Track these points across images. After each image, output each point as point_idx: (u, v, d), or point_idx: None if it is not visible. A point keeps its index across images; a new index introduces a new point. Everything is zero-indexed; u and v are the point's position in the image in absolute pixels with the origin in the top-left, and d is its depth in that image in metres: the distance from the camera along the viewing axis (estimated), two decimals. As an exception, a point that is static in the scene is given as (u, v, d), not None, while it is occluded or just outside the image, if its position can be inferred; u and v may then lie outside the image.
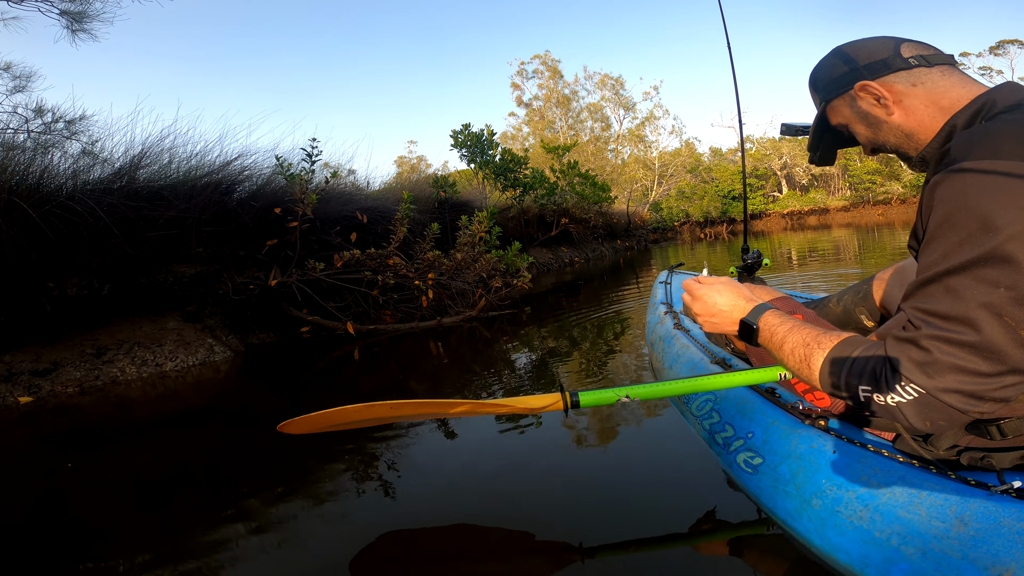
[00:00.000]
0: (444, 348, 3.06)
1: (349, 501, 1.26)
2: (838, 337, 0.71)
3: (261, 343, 3.61)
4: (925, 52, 0.73)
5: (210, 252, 3.30)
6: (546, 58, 27.05)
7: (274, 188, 3.70)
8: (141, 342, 3.21)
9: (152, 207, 3.15)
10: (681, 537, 0.98)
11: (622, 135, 28.08)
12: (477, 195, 7.89)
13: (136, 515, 1.32)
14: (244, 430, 2.00)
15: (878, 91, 0.73)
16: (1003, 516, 0.64)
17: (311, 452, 1.58)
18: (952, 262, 0.58)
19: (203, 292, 3.36)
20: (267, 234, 3.47)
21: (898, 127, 0.73)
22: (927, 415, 0.62)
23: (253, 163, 3.71)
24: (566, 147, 11.42)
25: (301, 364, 2.99)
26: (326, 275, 3.42)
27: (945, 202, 0.59)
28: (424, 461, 1.47)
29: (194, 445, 1.86)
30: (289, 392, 2.44)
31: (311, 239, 3.68)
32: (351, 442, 1.63)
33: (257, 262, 3.57)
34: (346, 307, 3.66)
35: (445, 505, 1.19)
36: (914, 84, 0.71)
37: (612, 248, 12.49)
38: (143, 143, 3.44)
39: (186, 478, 1.55)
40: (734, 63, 1.73)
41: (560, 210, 9.75)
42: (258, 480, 1.47)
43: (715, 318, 0.89)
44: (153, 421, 2.18)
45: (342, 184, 4.96)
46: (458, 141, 9.18)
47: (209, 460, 1.69)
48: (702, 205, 25.72)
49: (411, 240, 3.99)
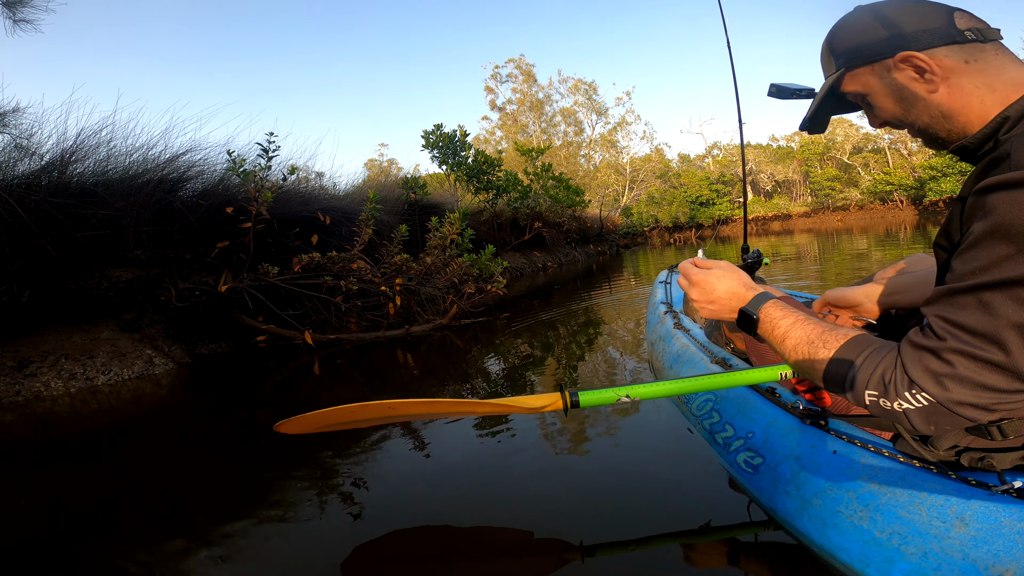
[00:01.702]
0: (414, 358, 2.85)
1: (335, 506, 1.22)
2: (844, 336, 0.68)
3: (211, 354, 3.31)
4: (979, 25, 0.65)
5: (150, 255, 2.99)
6: (520, 62, 27.04)
7: (227, 186, 3.41)
8: (70, 354, 2.87)
9: (84, 205, 2.83)
10: (681, 536, 0.98)
11: (594, 140, 28.33)
12: (449, 198, 7.67)
13: (62, 546, 1.16)
14: (186, 449, 1.81)
15: (926, 64, 0.64)
16: (1004, 516, 0.64)
17: (284, 462, 1.50)
18: (993, 276, 0.54)
19: (142, 299, 3.04)
20: (218, 235, 3.18)
21: (938, 106, 0.66)
22: (933, 421, 0.60)
23: (203, 159, 3.40)
24: (540, 150, 11.32)
25: (256, 376, 2.75)
26: (282, 280, 3.15)
27: (999, 211, 0.54)
28: (422, 461, 1.46)
29: (130, 467, 1.67)
30: (239, 407, 2.24)
31: (267, 241, 3.40)
32: (345, 441, 1.60)
33: (206, 266, 3.26)
34: (305, 315, 3.38)
35: (444, 504, 1.18)
36: (967, 61, 0.64)
37: (585, 253, 12.46)
38: (77, 136, 3.10)
39: (120, 503, 1.37)
40: (734, 64, 1.77)
41: (534, 214, 9.62)
42: (211, 503, 1.32)
43: (713, 305, 0.85)
44: (82, 441, 1.95)
45: (305, 184, 4.67)
46: (430, 142, 8.93)
47: (147, 483, 1.52)
48: (671, 210, 26.16)
49: (377, 243, 3.75)
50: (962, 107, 0.64)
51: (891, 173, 22.54)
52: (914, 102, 0.67)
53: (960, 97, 0.64)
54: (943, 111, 0.66)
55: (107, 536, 1.19)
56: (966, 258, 0.57)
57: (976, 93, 0.63)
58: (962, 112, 0.65)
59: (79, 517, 1.31)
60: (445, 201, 7.04)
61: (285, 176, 3.36)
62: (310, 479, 1.41)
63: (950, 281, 0.59)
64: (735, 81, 1.73)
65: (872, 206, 23.47)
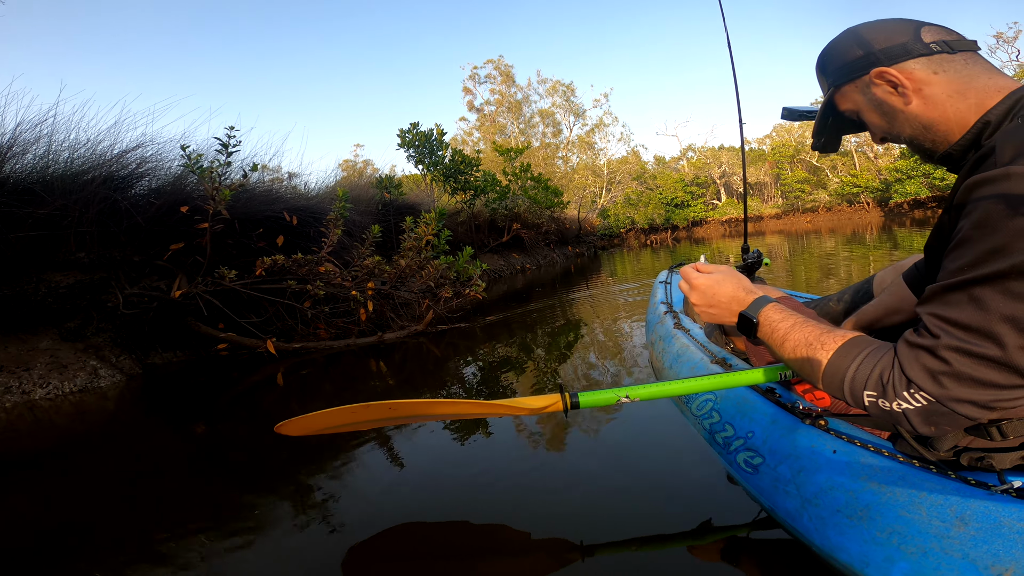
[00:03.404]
0: (388, 367, 2.68)
1: (335, 505, 1.21)
2: (843, 338, 0.69)
3: (166, 363, 3.07)
4: (947, 37, 0.69)
5: (95, 257, 2.73)
6: (499, 63, 26.90)
7: (183, 184, 3.17)
8: (4, 365, 2.61)
9: (20, 204, 2.57)
10: (681, 536, 0.97)
11: (572, 141, 28.41)
12: (425, 198, 7.48)
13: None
14: (139, 468, 1.64)
15: (896, 78, 0.68)
16: (1003, 516, 0.64)
17: (254, 476, 1.44)
18: (981, 270, 0.55)
19: (86, 305, 2.78)
20: (172, 236, 2.94)
21: (916, 118, 0.69)
22: (933, 421, 0.61)
23: (155, 155, 3.16)
24: (519, 149, 11.19)
25: (215, 387, 2.55)
26: (241, 285, 2.93)
27: (984, 206, 0.55)
28: (421, 461, 1.45)
29: (75, 490, 1.51)
30: (197, 420, 2.08)
31: (227, 243, 3.17)
32: (339, 441, 1.58)
33: (159, 269, 3.02)
34: (268, 322, 3.17)
35: (444, 503, 1.18)
36: (935, 72, 0.67)
37: (563, 255, 12.41)
38: (15, 129, 2.83)
39: (68, 532, 1.22)
40: (734, 64, 1.74)
41: (512, 215, 9.49)
42: (173, 525, 1.21)
43: (713, 309, 0.87)
44: (18, 462, 1.76)
45: (273, 183, 4.43)
46: (405, 140, 8.70)
47: (96, 507, 1.38)
48: (647, 212, 26.40)
49: (348, 245, 3.55)
50: (939, 116, 0.67)
51: (858, 176, 23.25)
52: (895, 115, 0.71)
53: (935, 107, 0.67)
54: (922, 122, 0.68)
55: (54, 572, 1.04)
56: (955, 255, 0.58)
57: (949, 102, 0.66)
58: (940, 122, 0.67)
59: (13, 553, 1.14)
60: (421, 202, 6.84)
61: (246, 173, 3.14)
62: (286, 492, 1.32)
63: (942, 279, 0.59)
64: (735, 82, 1.75)
65: (840, 208, 24.15)
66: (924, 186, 19.55)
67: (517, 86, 26.96)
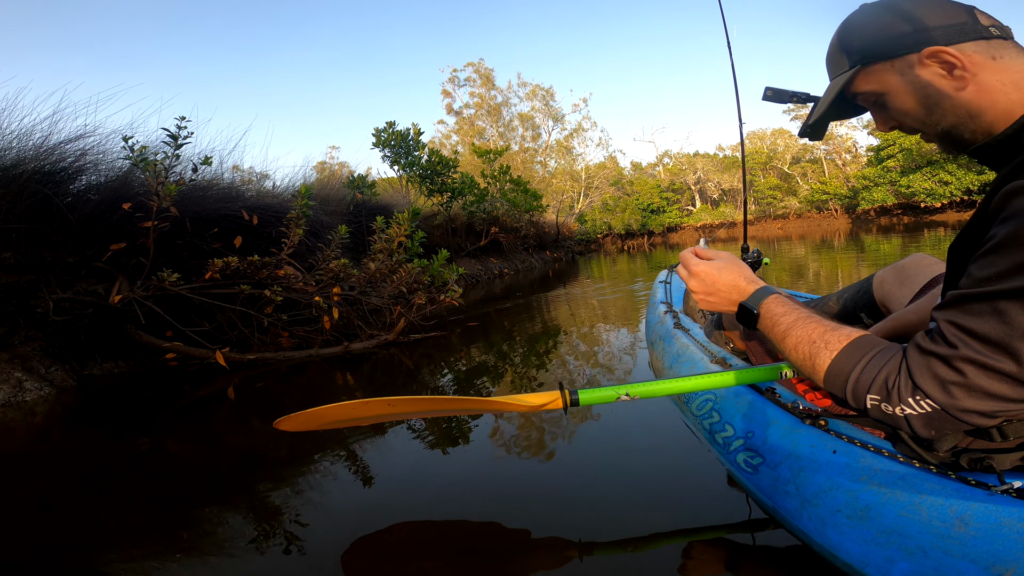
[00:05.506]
0: (355, 379, 2.46)
1: (334, 503, 1.20)
2: (847, 337, 0.68)
3: (106, 375, 2.77)
4: (998, 23, 0.65)
5: (21, 258, 2.44)
6: (479, 66, 26.76)
7: (127, 180, 2.88)
8: (-90, 383, 2.29)
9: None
10: (681, 536, 0.97)
11: (550, 146, 28.43)
12: (401, 200, 7.24)
13: None
14: (76, 489, 1.47)
15: (957, 60, 0.62)
16: (1004, 516, 0.64)
17: (212, 486, 1.37)
18: (1011, 283, 0.52)
19: (11, 311, 2.48)
20: (113, 236, 2.66)
21: (965, 105, 0.63)
22: (935, 427, 0.61)
23: (95, 147, 2.86)
24: (498, 151, 11.03)
25: (161, 401, 2.30)
26: (188, 289, 2.66)
27: (1022, 217, 0.52)
28: (417, 459, 1.44)
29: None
30: (139, 435, 1.89)
31: (176, 244, 2.90)
32: (334, 439, 1.57)
33: (97, 272, 2.72)
34: (220, 330, 2.90)
35: (442, 501, 1.17)
36: (993, 57, 0.63)
37: (541, 259, 12.30)
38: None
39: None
40: (734, 64, 1.73)
41: (490, 218, 9.31)
42: (121, 548, 1.11)
43: (712, 297, 0.84)
44: None
45: (244, 185, 4.14)
46: (381, 140, 8.43)
47: (25, 534, 1.23)
48: (623, 218, 26.58)
49: (315, 247, 3.31)
50: (989, 105, 0.62)
51: (827, 183, 23.90)
52: (939, 100, 0.65)
53: (988, 95, 0.62)
54: (970, 110, 0.63)
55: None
56: (984, 263, 0.56)
57: (1003, 90, 0.62)
58: (988, 110, 0.63)
59: None
60: (396, 203, 6.60)
61: (196, 166, 2.87)
62: (247, 507, 1.22)
63: (965, 286, 0.57)
64: (735, 82, 1.73)
65: (809, 214, 24.79)
66: (891, 193, 20.18)
67: (497, 89, 26.91)
